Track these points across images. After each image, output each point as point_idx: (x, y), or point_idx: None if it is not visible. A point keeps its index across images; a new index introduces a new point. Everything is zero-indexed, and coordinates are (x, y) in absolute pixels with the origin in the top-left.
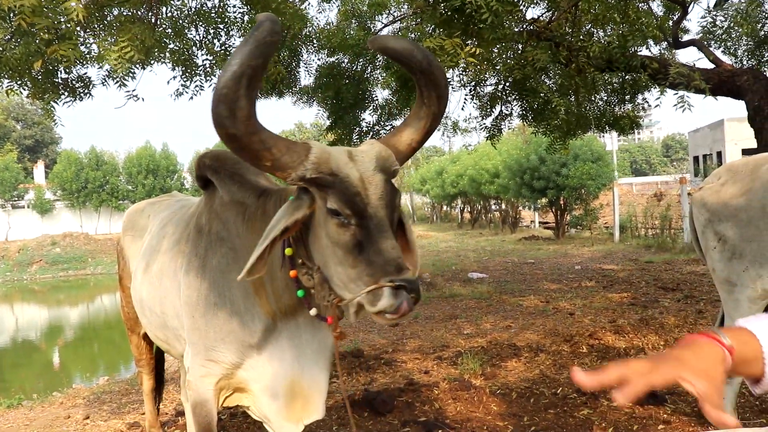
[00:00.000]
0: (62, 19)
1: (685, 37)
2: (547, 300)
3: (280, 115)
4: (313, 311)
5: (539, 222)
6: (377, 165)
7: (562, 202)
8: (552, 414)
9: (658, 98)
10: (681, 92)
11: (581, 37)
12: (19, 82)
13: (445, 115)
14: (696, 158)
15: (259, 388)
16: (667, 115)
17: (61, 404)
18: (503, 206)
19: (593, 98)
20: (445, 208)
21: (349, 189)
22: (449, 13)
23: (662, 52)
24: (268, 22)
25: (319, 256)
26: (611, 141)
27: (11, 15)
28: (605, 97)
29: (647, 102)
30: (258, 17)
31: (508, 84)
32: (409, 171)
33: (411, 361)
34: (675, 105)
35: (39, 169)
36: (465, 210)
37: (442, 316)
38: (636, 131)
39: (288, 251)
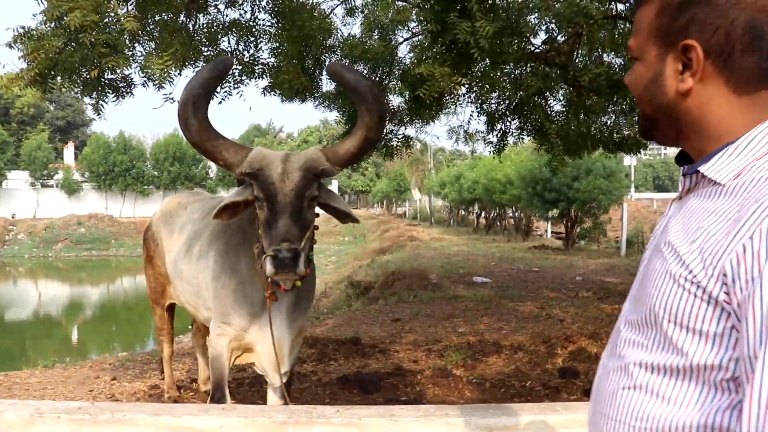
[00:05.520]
0: (119, 37)
1: None
2: (543, 306)
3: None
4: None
5: (552, 232)
6: (303, 165)
7: (573, 214)
8: (516, 402)
9: None
10: None
11: (577, 61)
12: (69, 81)
13: (459, 125)
14: None
15: (262, 348)
16: None
17: (90, 367)
18: (518, 214)
19: (598, 120)
20: (462, 212)
21: (266, 180)
22: (444, 48)
23: None
24: (213, 64)
25: (260, 233)
26: (630, 157)
27: (73, 30)
28: (613, 118)
29: None
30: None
31: (509, 105)
32: (430, 174)
33: (403, 351)
34: None
35: (69, 150)
36: (482, 215)
37: (442, 315)
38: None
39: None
